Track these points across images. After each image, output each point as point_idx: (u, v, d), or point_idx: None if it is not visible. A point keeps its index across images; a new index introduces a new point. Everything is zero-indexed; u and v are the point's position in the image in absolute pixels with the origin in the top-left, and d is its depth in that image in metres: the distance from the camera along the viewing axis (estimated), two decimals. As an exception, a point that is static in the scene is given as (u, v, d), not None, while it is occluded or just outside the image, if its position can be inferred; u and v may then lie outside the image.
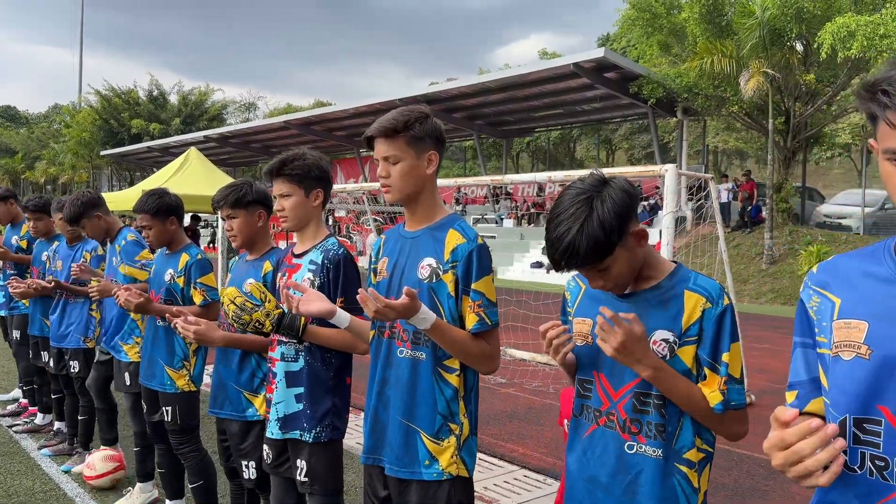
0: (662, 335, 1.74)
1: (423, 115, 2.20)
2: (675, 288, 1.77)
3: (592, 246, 1.65)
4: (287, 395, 2.68)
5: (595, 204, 1.67)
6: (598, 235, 1.65)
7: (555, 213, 1.72)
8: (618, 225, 1.66)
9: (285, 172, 2.72)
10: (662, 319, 1.75)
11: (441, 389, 2.16)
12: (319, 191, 2.78)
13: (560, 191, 1.79)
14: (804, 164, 23.26)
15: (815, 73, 18.65)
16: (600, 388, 1.84)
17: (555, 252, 1.70)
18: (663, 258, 1.86)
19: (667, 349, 1.74)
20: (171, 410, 3.69)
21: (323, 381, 2.67)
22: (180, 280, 3.71)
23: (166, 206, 3.74)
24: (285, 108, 55.35)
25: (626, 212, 1.68)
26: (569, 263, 1.69)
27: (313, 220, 2.80)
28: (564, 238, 1.66)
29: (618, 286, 1.78)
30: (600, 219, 1.65)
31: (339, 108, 28.66)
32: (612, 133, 38.28)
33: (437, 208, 2.28)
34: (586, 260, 1.67)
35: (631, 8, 21.09)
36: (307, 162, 2.74)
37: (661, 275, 1.81)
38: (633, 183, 1.75)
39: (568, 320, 1.98)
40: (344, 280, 2.67)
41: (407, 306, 1.98)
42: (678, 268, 1.82)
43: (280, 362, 2.72)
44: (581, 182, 1.74)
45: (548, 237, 1.72)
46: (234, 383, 3.13)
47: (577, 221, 1.66)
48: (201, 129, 40.43)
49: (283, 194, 2.74)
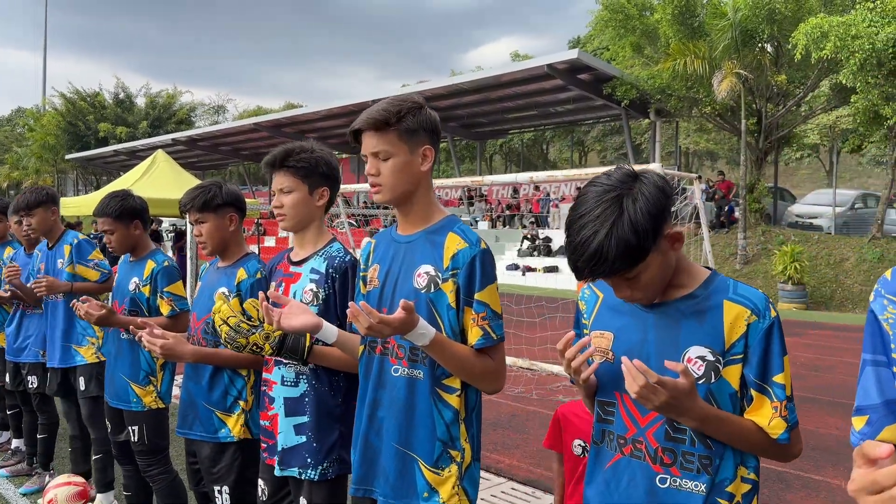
0: (698, 352, 1.54)
1: (416, 105, 1.97)
2: (711, 298, 1.57)
3: (623, 251, 1.44)
4: (286, 425, 2.40)
5: (625, 203, 1.46)
6: (629, 239, 1.43)
7: (577, 214, 1.50)
8: (651, 227, 1.45)
9: (289, 164, 2.44)
10: (698, 334, 1.55)
11: (440, 412, 1.93)
12: (325, 189, 2.51)
13: (576, 194, 1.58)
14: (776, 164, 23.47)
15: (786, 73, 18.79)
16: (624, 412, 1.63)
17: (578, 259, 1.48)
18: (696, 264, 1.65)
19: (704, 368, 1.53)
20: (138, 430, 3.41)
21: (330, 409, 2.39)
22: (146, 289, 3.44)
23: (130, 209, 3.47)
24: (255, 110, 54.59)
25: (661, 211, 1.47)
26: (595, 272, 1.48)
27: (315, 221, 2.53)
28: (590, 243, 1.45)
29: (647, 297, 1.57)
30: (632, 220, 1.44)
31: (311, 110, 28.22)
32: (585, 135, 38.37)
33: (434, 209, 2.06)
34: (615, 267, 1.46)
35: (604, 9, 21.08)
36: (315, 156, 2.47)
37: (695, 282, 1.60)
38: (666, 178, 1.53)
39: (583, 334, 1.77)
40: (353, 291, 2.38)
41: (404, 321, 1.75)
42: (713, 275, 1.61)
43: (278, 386, 2.44)
44: (607, 177, 1.52)
45: (569, 241, 1.50)
46: (205, 402, 2.85)
47: (605, 223, 1.44)
48: (169, 132, 39.64)
49: (284, 189, 2.45)
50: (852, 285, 16.74)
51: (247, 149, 35.28)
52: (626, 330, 1.64)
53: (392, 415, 1.97)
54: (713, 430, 1.50)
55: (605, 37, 23.60)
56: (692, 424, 1.49)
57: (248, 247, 3.05)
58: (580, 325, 1.80)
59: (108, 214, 3.41)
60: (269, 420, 2.48)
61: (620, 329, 1.66)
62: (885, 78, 14.99)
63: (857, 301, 16.26)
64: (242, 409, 2.83)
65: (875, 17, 14.50)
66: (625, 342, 1.64)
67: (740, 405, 1.55)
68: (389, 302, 2.00)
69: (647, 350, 1.59)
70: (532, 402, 7.15)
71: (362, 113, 1.98)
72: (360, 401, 2.08)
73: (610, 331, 1.67)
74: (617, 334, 1.66)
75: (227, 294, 2.86)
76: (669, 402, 1.42)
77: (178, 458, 3.91)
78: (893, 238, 17.84)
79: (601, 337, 1.69)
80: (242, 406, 2.83)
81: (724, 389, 1.53)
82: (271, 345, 2.27)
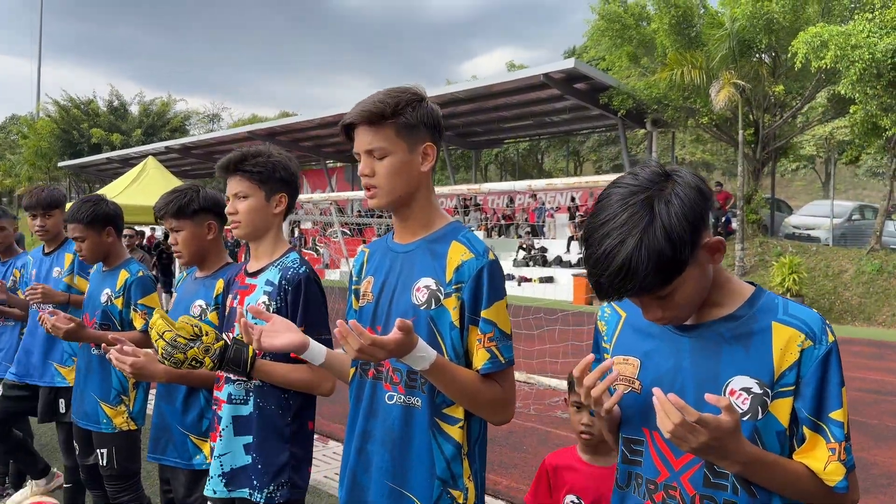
0: (743, 383, 1.30)
1: (416, 96, 1.74)
2: (758, 319, 1.33)
3: (655, 264, 1.21)
4: (234, 444, 2.20)
5: (657, 206, 1.22)
6: (662, 250, 1.20)
7: (599, 220, 1.26)
8: (689, 234, 1.22)
9: (245, 168, 2.25)
10: (743, 362, 1.31)
11: (440, 446, 1.69)
12: (283, 196, 2.31)
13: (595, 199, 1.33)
14: (773, 175, 23.36)
15: (783, 84, 18.69)
16: (655, 452, 1.39)
17: (601, 274, 1.24)
18: (737, 278, 1.41)
19: (750, 402, 1.29)
20: (108, 453, 3.16)
21: (278, 429, 2.19)
22: (118, 301, 3.20)
23: (102, 215, 3.22)
24: (250, 118, 54.45)
25: (699, 216, 1.24)
26: (621, 289, 1.24)
27: (272, 230, 2.33)
28: (616, 254, 1.22)
29: (681, 317, 1.34)
30: (665, 227, 1.21)
31: (305, 118, 27.99)
32: (580, 145, 38.27)
33: (436, 215, 1.82)
34: (646, 284, 1.23)
35: (600, 19, 20.99)
36: (272, 160, 2.28)
37: (737, 300, 1.37)
38: (702, 177, 1.30)
39: (603, 359, 1.54)
40: (305, 304, 2.19)
41: (400, 343, 1.51)
42: (759, 291, 1.38)
43: (227, 405, 2.23)
44: (633, 177, 1.28)
45: (590, 253, 1.26)
46: (179, 425, 2.62)
47: (634, 231, 1.21)
48: (163, 139, 39.41)
49: (239, 194, 2.26)
50: (851, 297, 16.55)
51: (240, 157, 34.99)
52: (655, 355, 1.42)
53: (385, 448, 1.73)
54: (759, 476, 1.27)
55: (601, 47, 23.51)
56: (735, 469, 1.26)
57: (227, 257, 2.81)
58: (600, 349, 1.57)
59: (79, 220, 3.17)
60: (216, 442, 2.27)
61: (648, 354, 1.43)
62: (884, 89, 14.87)
63: (856, 313, 16.08)
64: None
65: (874, 28, 14.40)
66: (653, 370, 1.41)
67: (789, 444, 1.32)
68: (385, 319, 1.77)
69: (681, 380, 1.36)
70: (530, 417, 6.89)
71: (356, 105, 1.74)
72: (349, 430, 1.84)
73: (636, 356, 1.44)
74: (644, 360, 1.43)
75: (204, 307, 2.63)
76: (710, 444, 1.19)
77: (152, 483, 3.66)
78: (892, 250, 17.70)
79: (625, 363, 1.46)
80: None
81: (772, 427, 1.30)
82: (212, 358, 2.06)
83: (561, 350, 7.94)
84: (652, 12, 20.59)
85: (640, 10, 20.94)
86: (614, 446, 1.53)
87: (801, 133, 22.77)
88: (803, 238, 20.45)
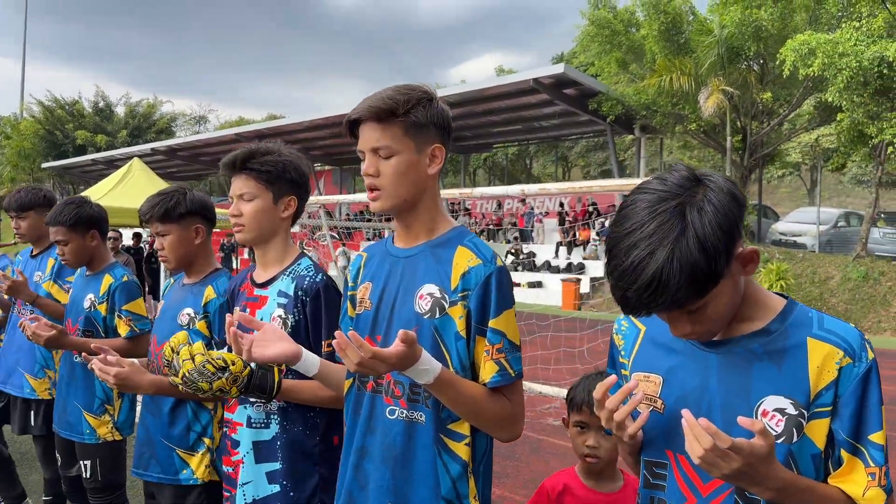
0: (777, 403, 1.22)
1: (426, 94, 1.65)
2: (791, 334, 1.26)
3: (689, 277, 1.12)
4: (256, 472, 2.05)
5: (689, 214, 1.14)
6: (696, 262, 1.12)
7: (624, 229, 1.17)
8: (724, 244, 1.14)
9: (252, 167, 2.09)
10: (776, 380, 1.24)
11: (445, 464, 1.59)
12: (293, 199, 2.17)
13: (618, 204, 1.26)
14: (760, 182, 23.47)
15: (771, 91, 18.80)
16: (680, 476, 1.31)
17: (628, 287, 1.15)
18: (767, 290, 1.34)
19: (784, 424, 1.22)
20: (91, 465, 3.05)
21: (306, 451, 2.05)
22: (102, 307, 3.08)
23: (87, 218, 3.11)
24: (237, 121, 54.19)
25: (734, 225, 1.16)
26: (650, 304, 1.15)
27: (279, 235, 2.18)
28: (645, 267, 1.13)
29: (710, 332, 1.26)
30: (699, 237, 1.12)
31: (293, 121, 27.79)
32: (569, 150, 38.35)
33: (440, 219, 1.73)
34: (678, 298, 1.14)
35: (590, 24, 21.03)
36: (283, 159, 2.12)
37: (768, 314, 1.29)
38: (735, 182, 1.22)
39: (621, 375, 1.46)
40: (328, 317, 2.05)
41: (403, 356, 1.42)
42: (791, 304, 1.30)
43: (244, 428, 2.09)
44: (661, 182, 1.20)
45: (614, 265, 1.18)
46: (165, 438, 2.50)
47: (665, 241, 1.13)
48: (149, 141, 39.04)
49: (245, 196, 2.10)
50: (837, 304, 16.62)
51: (227, 160, 34.79)
52: (679, 372, 1.34)
53: (386, 466, 1.63)
54: (792, 502, 1.20)
55: (591, 52, 23.54)
56: (767, 495, 1.18)
57: (216, 262, 2.71)
58: (616, 365, 1.49)
59: (62, 223, 3.06)
60: (232, 466, 2.14)
61: (672, 371, 1.35)
62: (871, 97, 14.96)
63: (843, 319, 16.14)
64: (207, 447, 2.48)
65: (860, 36, 14.49)
66: (678, 388, 1.33)
67: (824, 467, 1.25)
68: (385, 328, 1.68)
69: (708, 399, 1.28)
70: (521, 425, 6.81)
71: (362, 101, 1.65)
72: (346, 447, 1.74)
73: (658, 373, 1.36)
74: (667, 377, 1.35)
75: (192, 316, 2.52)
76: (742, 470, 1.11)
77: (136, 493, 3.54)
78: (878, 257, 17.81)
79: (646, 380, 1.38)
80: (207, 444, 2.48)
81: (807, 449, 1.23)
82: (239, 387, 1.91)
83: (553, 356, 7.88)
84: (641, 19, 20.65)
85: (630, 17, 21.00)
86: (634, 470, 1.45)
87: (788, 140, 22.90)
88: (790, 244, 20.55)
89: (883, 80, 14.43)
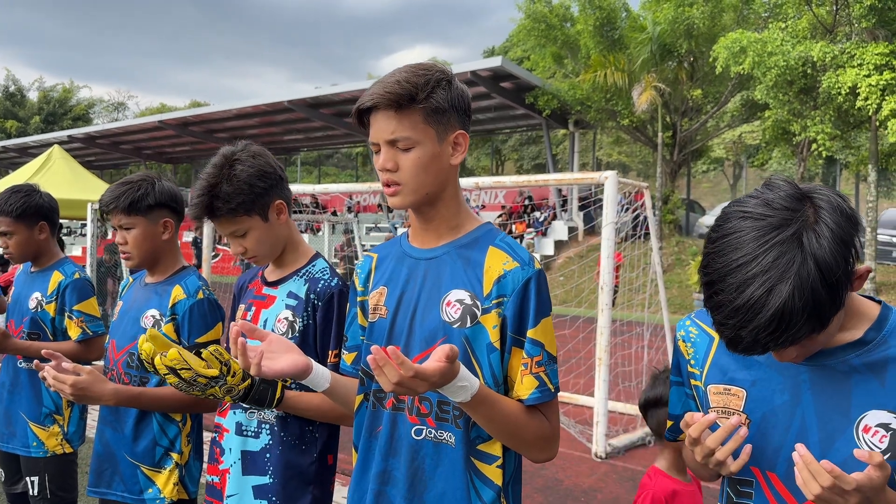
0: (880, 418, 1.13)
1: (445, 75, 1.48)
2: (890, 344, 1.17)
3: (812, 312, 1.02)
4: (243, 485, 1.88)
5: (808, 244, 1.03)
6: (819, 296, 1.02)
7: (732, 262, 1.06)
8: (844, 272, 1.04)
9: (230, 207, 1.90)
10: (877, 395, 1.15)
11: (477, 490, 1.44)
12: (281, 203, 1.99)
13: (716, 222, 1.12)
14: (688, 177, 24.19)
15: (701, 88, 19.36)
16: (772, 496, 1.21)
17: (743, 327, 1.04)
18: (860, 297, 1.23)
19: (888, 439, 1.13)
20: (39, 480, 2.76)
21: (301, 468, 1.88)
22: (50, 307, 2.79)
23: (35, 208, 2.81)
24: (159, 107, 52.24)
25: (851, 247, 1.06)
26: (769, 343, 1.05)
27: (288, 241, 2.03)
28: (765, 305, 1.02)
29: (811, 352, 1.16)
30: (821, 269, 1.02)
31: (221, 108, 26.76)
32: (503, 144, 38.62)
33: (465, 214, 1.57)
34: (800, 335, 1.04)
35: (526, 18, 21.13)
36: (248, 181, 1.92)
37: (863, 323, 1.19)
38: (844, 195, 1.11)
39: (687, 384, 1.34)
40: (339, 325, 1.88)
41: (444, 373, 1.25)
42: (886, 310, 1.21)
43: (232, 435, 1.91)
44: (765, 206, 1.08)
45: (721, 300, 1.07)
46: (128, 454, 2.25)
47: (786, 276, 1.02)
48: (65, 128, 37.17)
49: (237, 233, 1.93)
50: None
51: (150, 148, 33.41)
52: (765, 386, 1.24)
53: (414, 493, 1.46)
54: None
55: (527, 45, 23.68)
56: None
57: (184, 260, 2.46)
58: (683, 374, 1.38)
59: (8, 213, 2.75)
60: (218, 475, 1.95)
61: (756, 385, 1.24)
62: (795, 95, 15.57)
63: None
64: (176, 463, 2.24)
65: (786, 37, 15.04)
66: (764, 403, 1.23)
67: None
68: (405, 338, 1.50)
69: (801, 415, 1.19)
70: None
71: (373, 85, 1.46)
72: (361, 470, 1.56)
73: (740, 386, 1.25)
74: (751, 391, 1.24)
75: (158, 318, 2.27)
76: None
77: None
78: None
79: (727, 393, 1.27)
80: (176, 459, 2.25)
81: None
82: (234, 397, 1.73)
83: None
84: (576, 14, 20.90)
85: (565, 11, 21.21)
86: (709, 479, 1.34)
87: (715, 136, 23.67)
88: (717, 238, 21.27)
89: (807, 79, 15.03)
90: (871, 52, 13.62)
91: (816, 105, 15.52)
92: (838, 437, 1.15)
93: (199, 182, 1.93)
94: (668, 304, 7.31)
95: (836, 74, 14.00)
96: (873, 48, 13.73)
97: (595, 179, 5.85)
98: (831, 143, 15.61)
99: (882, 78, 13.35)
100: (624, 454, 5.73)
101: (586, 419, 6.14)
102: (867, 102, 13.58)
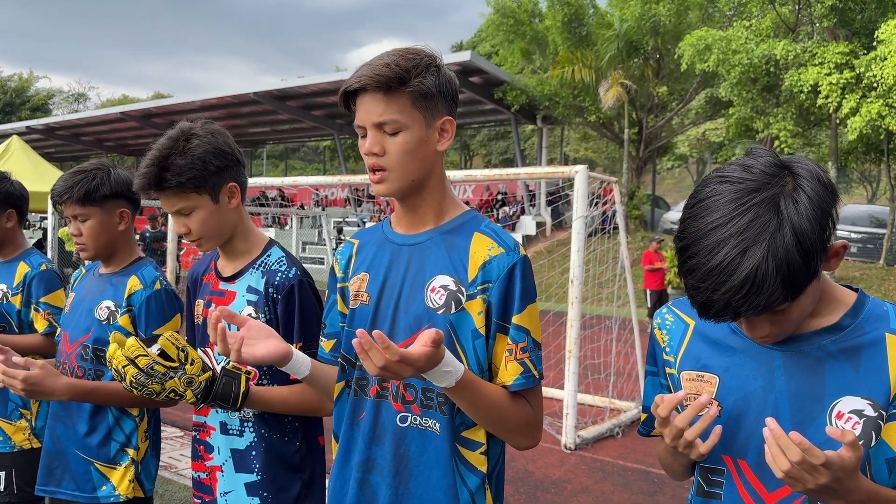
0: (853, 404, 1.14)
1: (433, 60, 1.45)
2: (866, 330, 1.17)
3: (785, 278, 1.02)
4: (236, 483, 1.85)
5: (784, 207, 1.03)
6: (794, 260, 1.02)
7: (707, 224, 1.06)
8: (820, 240, 1.04)
9: (180, 181, 1.81)
10: (852, 381, 1.15)
11: (462, 477, 1.44)
12: (234, 185, 1.91)
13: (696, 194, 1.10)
14: (654, 173, 24.51)
15: (667, 85, 19.62)
16: (741, 485, 1.20)
17: (715, 290, 1.04)
18: (836, 283, 1.24)
19: (861, 426, 1.13)
20: (6, 476, 2.68)
21: (286, 458, 1.86)
22: (16, 299, 2.72)
23: (5, 195, 2.74)
24: (121, 98, 51.25)
25: (828, 219, 1.06)
26: (740, 308, 1.05)
27: (237, 226, 1.95)
28: (737, 268, 1.02)
29: (786, 332, 1.16)
30: (797, 233, 1.02)
31: (185, 100, 26.36)
32: (471, 139, 38.68)
33: (449, 201, 1.56)
34: (772, 301, 1.04)
35: (495, 13, 21.19)
36: (197, 155, 1.84)
37: (839, 308, 1.19)
38: (822, 167, 1.13)
39: (662, 373, 1.35)
40: (301, 316, 1.85)
41: (430, 357, 1.25)
42: (863, 297, 1.21)
43: (219, 434, 1.88)
44: (745, 170, 1.08)
45: (694, 265, 1.06)
46: (80, 450, 2.17)
47: (761, 238, 1.02)
48: (23, 119, 36.26)
49: (183, 210, 1.86)
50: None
51: (111, 139, 32.80)
52: (738, 372, 1.23)
53: (399, 480, 1.46)
54: None
55: (495, 41, 23.76)
56: None
57: (139, 251, 2.40)
58: (658, 363, 1.38)
59: None
60: (206, 472, 1.92)
61: (729, 370, 1.24)
62: (759, 93, 15.89)
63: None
64: (132, 459, 2.18)
65: (750, 35, 15.32)
66: (737, 389, 1.22)
67: None
68: (389, 325, 1.49)
69: (774, 400, 1.19)
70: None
71: (360, 67, 1.44)
72: (342, 460, 1.55)
73: (713, 372, 1.25)
74: (724, 377, 1.24)
75: (113, 309, 2.20)
76: (829, 485, 1.02)
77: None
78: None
79: (700, 380, 1.27)
80: (132, 455, 2.18)
81: (882, 454, 1.14)
82: (195, 392, 1.69)
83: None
84: (545, 10, 21.01)
85: (534, 7, 21.31)
86: (672, 472, 1.36)
87: (680, 133, 24.03)
88: (681, 233, 21.60)
89: (770, 77, 15.35)
90: (832, 51, 13.96)
91: (779, 102, 15.86)
92: (811, 423, 1.15)
93: (151, 152, 1.85)
94: (634, 297, 7.40)
95: (798, 73, 14.32)
96: (834, 47, 14.07)
97: (566, 174, 5.90)
98: (793, 140, 15.96)
99: (842, 76, 13.69)
100: (592, 445, 5.81)
101: (555, 411, 6.20)
102: (828, 100, 13.91)
